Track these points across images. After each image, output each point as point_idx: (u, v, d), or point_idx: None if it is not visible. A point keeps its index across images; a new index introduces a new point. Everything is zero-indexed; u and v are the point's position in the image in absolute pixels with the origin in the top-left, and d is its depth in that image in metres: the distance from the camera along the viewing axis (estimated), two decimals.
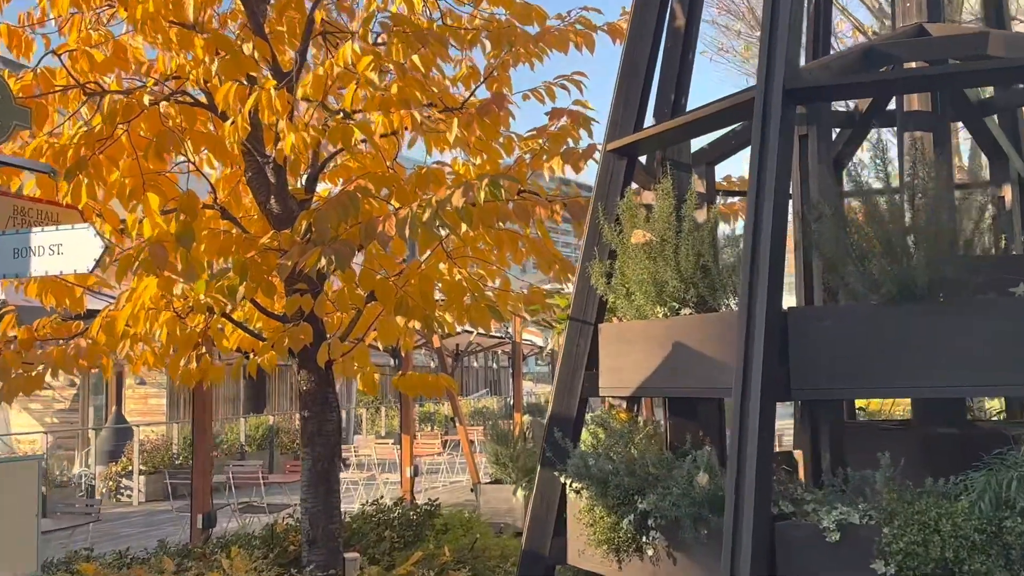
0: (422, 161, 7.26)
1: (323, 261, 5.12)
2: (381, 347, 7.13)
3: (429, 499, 7.99)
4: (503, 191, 5.12)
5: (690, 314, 3.88)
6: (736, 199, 6.69)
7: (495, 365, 35.57)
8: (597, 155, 6.22)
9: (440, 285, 6.46)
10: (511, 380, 41.03)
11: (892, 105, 5.31)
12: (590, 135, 6.71)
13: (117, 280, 5.34)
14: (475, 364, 34.57)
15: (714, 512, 3.44)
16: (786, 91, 3.45)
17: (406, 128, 5.09)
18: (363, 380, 6.66)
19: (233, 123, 4.99)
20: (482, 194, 4.98)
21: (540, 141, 6.48)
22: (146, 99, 5.28)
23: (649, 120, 5.10)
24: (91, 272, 4.37)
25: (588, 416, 4.92)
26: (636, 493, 3.73)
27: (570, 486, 4.16)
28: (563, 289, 9.25)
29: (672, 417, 4.39)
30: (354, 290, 5.88)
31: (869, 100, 5.29)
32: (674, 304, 3.91)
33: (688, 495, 3.50)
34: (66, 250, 4.43)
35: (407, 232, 5.11)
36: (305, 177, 6.56)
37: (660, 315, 3.92)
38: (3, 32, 5.28)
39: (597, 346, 4.33)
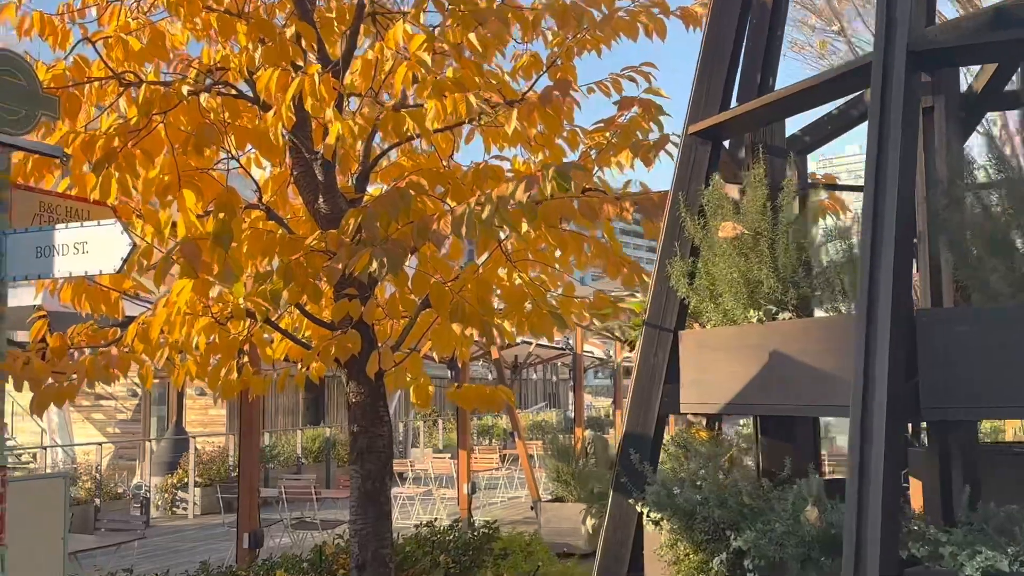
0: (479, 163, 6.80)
1: (374, 264, 4.69)
2: (437, 358, 6.66)
3: (487, 521, 7.50)
4: (572, 185, 4.64)
5: (790, 318, 3.32)
6: (823, 194, 6.08)
7: (554, 378, 35.03)
8: (670, 147, 5.69)
9: (499, 291, 5.99)
10: (570, 393, 40.40)
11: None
12: (660, 128, 6.17)
13: (156, 284, 4.97)
14: (533, 376, 34.05)
15: (826, 554, 2.89)
16: (911, 53, 2.89)
17: (462, 120, 4.60)
18: (415, 392, 6.19)
19: (276, 113, 4.58)
20: (549, 187, 4.49)
21: (607, 135, 5.97)
22: (184, 89, 4.91)
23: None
24: (118, 272, 3.98)
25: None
26: (728, 528, 3.19)
27: (647, 515, 3.63)
28: (635, 294, 8.69)
29: (765, 438, 3.83)
30: (407, 295, 5.43)
31: (984, 82, 4.69)
32: (770, 307, 3.36)
33: (795, 533, 2.95)
34: (91, 248, 4.05)
35: (464, 231, 4.64)
36: (356, 175, 6.15)
37: (754, 319, 3.37)
38: (35, 20, 4.96)
39: (677, 356, 3.79)
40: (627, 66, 6.05)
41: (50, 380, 5.01)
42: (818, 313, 3.47)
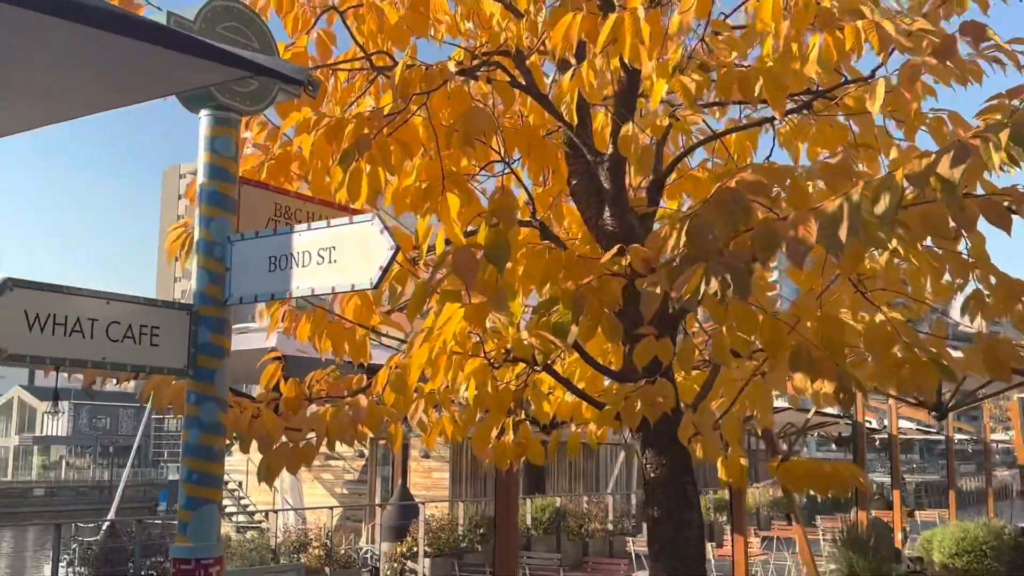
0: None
1: (711, 284, 3.32)
2: (761, 428, 5.14)
3: None
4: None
5: None
6: None
7: (802, 449, 32.22)
8: None
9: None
10: None
11: None
12: None
13: (410, 317, 3.82)
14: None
15: None
16: None
17: (857, 51, 3.14)
18: (727, 466, 4.71)
19: (573, 75, 3.34)
20: (997, 158, 2.97)
21: (998, 116, 4.31)
22: (452, 65, 3.80)
23: None
24: (376, 286, 2.82)
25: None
26: None
27: None
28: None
29: None
30: (734, 332, 3.99)
31: None
32: None
33: None
34: (340, 255, 2.92)
35: (843, 235, 3.20)
36: (647, 184, 4.85)
37: None
38: None
39: None
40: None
41: (283, 439, 3.95)
42: None
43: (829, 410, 13.01)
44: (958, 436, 19.33)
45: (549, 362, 4.58)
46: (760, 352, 4.37)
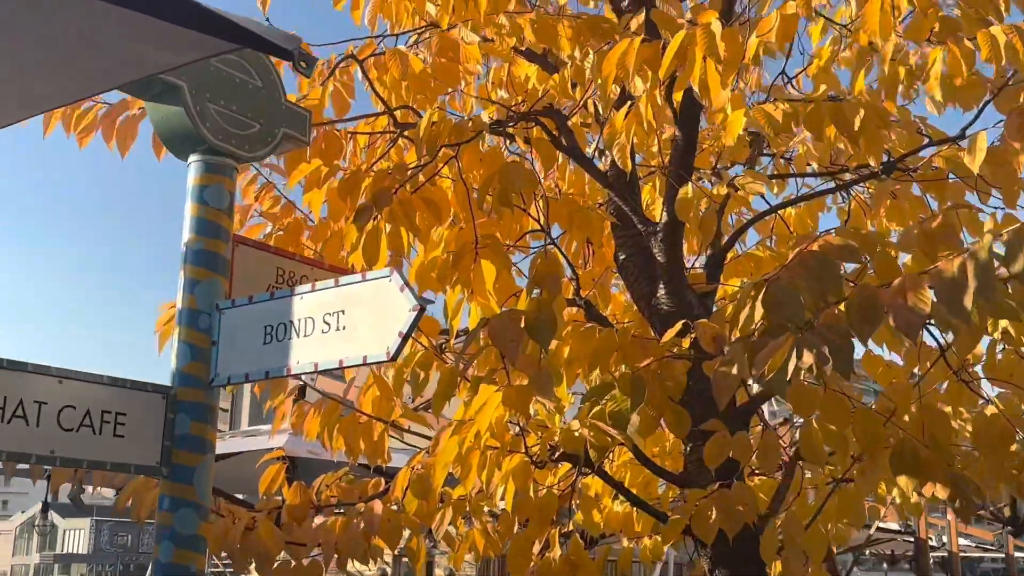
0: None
1: (805, 358, 2.70)
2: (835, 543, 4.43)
3: None
4: None
5: None
6: None
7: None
8: None
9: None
10: None
11: None
12: None
13: (436, 409, 3.22)
14: None
15: None
16: None
17: (995, 62, 2.58)
18: None
19: (631, 109, 2.80)
20: None
21: None
22: (485, 116, 3.31)
23: None
24: (394, 357, 2.24)
25: None
26: None
27: None
28: None
29: None
30: (825, 426, 3.33)
31: None
32: None
33: None
34: (351, 321, 2.34)
35: (969, 300, 2.60)
36: (705, 259, 4.28)
37: None
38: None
39: None
40: None
41: (283, 555, 3.29)
42: None
43: (885, 525, 12.01)
44: (1017, 554, 17.95)
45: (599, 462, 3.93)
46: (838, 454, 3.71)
